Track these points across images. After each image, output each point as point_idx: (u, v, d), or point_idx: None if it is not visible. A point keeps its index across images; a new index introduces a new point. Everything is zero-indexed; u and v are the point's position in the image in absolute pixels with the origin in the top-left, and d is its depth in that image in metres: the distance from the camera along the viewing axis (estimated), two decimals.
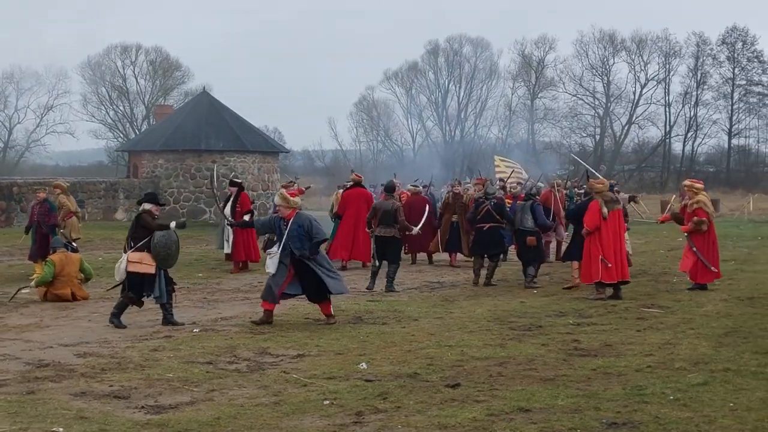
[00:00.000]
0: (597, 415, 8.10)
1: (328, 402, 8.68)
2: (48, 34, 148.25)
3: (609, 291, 16.04)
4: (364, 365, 10.30)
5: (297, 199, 14.15)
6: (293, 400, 8.78)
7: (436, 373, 9.97)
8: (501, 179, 29.10)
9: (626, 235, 17.48)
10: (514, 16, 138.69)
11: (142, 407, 8.59)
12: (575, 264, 17.62)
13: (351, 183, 23.11)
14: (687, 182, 17.98)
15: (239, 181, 23.44)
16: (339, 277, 13.79)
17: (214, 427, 7.89)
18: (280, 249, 13.40)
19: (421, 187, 24.44)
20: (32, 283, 17.01)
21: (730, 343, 11.61)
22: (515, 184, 26.64)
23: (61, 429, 7.76)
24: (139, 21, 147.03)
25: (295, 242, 13.33)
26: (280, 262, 13.38)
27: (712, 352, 10.96)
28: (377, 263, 17.74)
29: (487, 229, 18.42)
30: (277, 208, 13.96)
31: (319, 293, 13.55)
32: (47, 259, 16.77)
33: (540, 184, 24.70)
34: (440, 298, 16.55)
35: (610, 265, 15.77)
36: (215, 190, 28.15)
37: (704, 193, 17.41)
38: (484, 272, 18.51)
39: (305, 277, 13.44)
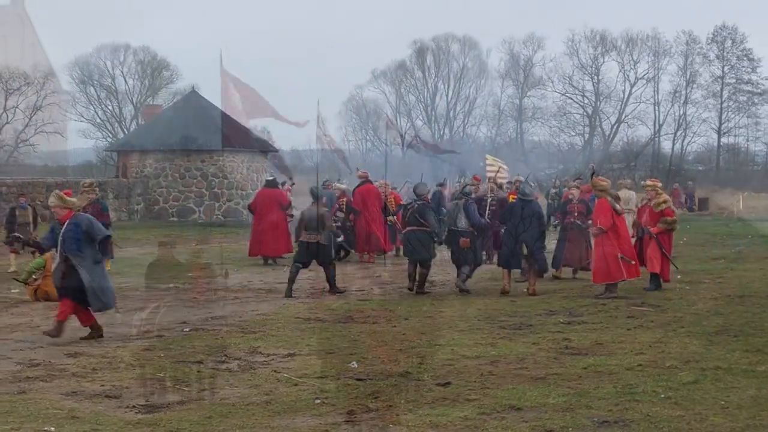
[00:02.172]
0: (588, 413, 8.12)
1: (319, 401, 8.68)
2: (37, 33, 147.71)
3: (601, 288, 16.07)
4: (355, 364, 10.30)
5: (74, 199, 13.09)
6: (284, 400, 8.77)
7: (428, 372, 9.97)
8: (490, 177, 29.07)
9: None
10: (506, 15, 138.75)
11: (134, 407, 8.59)
12: (506, 272, 17.05)
13: (361, 180, 24.09)
14: (649, 182, 17.93)
15: (272, 178, 25.05)
16: (103, 292, 12.34)
17: (206, 426, 7.88)
18: (58, 254, 12.42)
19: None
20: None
21: (720, 341, 11.64)
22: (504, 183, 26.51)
23: (52, 428, 7.75)
24: (128, 21, 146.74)
25: (70, 244, 12.21)
26: (58, 268, 12.45)
27: (703, 351, 10.98)
28: (294, 269, 16.83)
29: (412, 232, 17.14)
30: (52, 210, 12.67)
31: (81, 301, 12.31)
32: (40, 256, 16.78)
33: (531, 183, 24.60)
34: (430, 297, 16.52)
35: (633, 262, 15.75)
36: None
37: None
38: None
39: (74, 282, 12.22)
